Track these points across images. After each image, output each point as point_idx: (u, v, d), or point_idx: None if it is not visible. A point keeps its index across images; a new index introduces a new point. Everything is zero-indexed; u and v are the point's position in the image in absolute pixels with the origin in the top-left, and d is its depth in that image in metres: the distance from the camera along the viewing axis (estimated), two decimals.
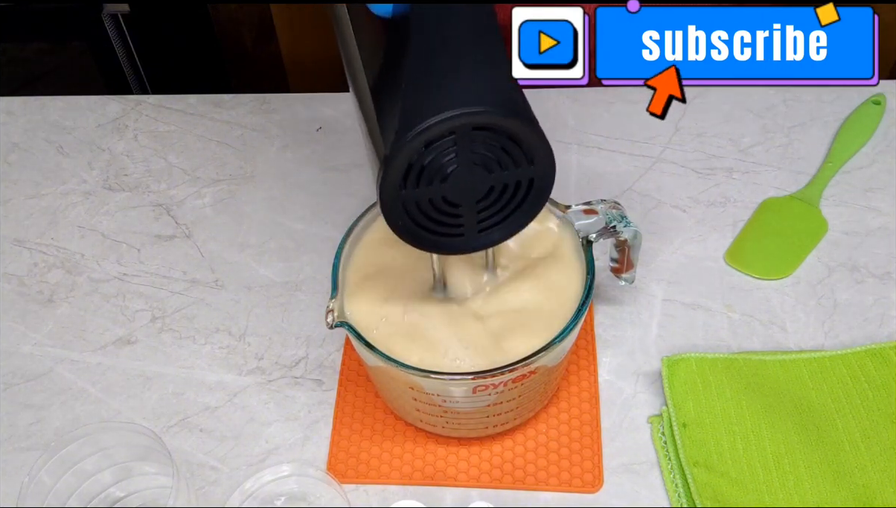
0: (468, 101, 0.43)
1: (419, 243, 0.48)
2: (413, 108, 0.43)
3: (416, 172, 0.45)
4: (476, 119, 0.43)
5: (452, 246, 0.49)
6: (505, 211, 0.48)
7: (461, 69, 0.44)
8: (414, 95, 0.43)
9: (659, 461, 0.59)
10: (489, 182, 0.46)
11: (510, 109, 0.44)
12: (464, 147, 0.44)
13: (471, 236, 0.49)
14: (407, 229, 0.47)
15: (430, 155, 0.44)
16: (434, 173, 0.45)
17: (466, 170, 0.45)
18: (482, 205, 0.47)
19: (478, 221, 0.48)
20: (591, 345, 0.65)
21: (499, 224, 0.49)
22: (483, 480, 0.59)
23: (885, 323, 0.66)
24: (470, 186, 0.46)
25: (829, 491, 0.56)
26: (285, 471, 0.57)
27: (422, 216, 0.47)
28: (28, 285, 0.72)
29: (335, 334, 0.67)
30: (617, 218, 0.57)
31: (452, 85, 0.43)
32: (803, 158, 0.77)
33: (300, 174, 0.79)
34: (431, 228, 0.48)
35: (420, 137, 0.43)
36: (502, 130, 0.44)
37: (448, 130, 0.43)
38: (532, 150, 0.46)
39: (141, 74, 1.37)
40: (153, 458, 0.57)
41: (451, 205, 0.47)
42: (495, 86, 0.44)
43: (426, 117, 0.43)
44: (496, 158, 0.45)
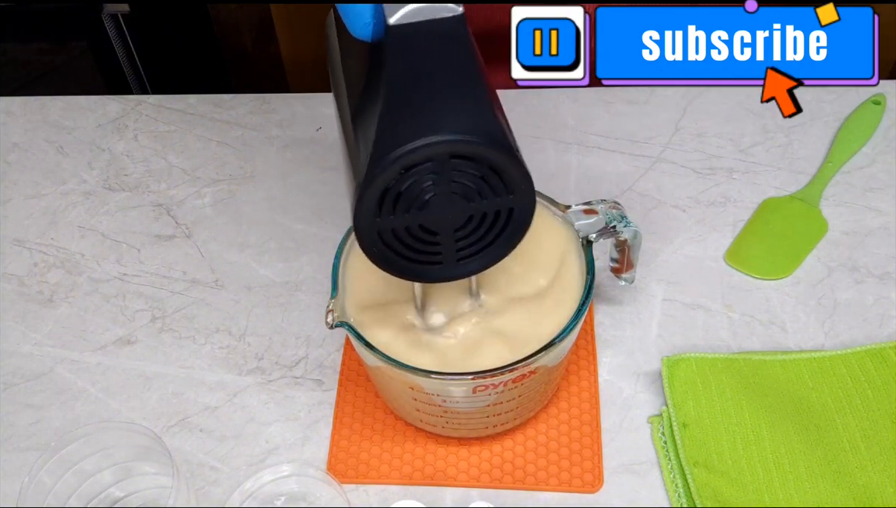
0: (447, 128, 0.42)
1: (395, 270, 0.48)
2: (389, 133, 0.42)
3: (391, 198, 0.44)
4: (455, 148, 0.42)
5: (430, 275, 0.48)
6: (484, 241, 0.47)
7: (439, 97, 0.43)
8: (390, 121, 0.42)
9: (659, 461, 0.59)
10: (468, 211, 0.45)
11: (490, 139, 0.43)
12: (442, 175, 0.43)
13: (449, 265, 0.48)
14: (383, 257, 0.47)
15: (407, 181, 0.43)
16: (411, 201, 0.44)
17: (444, 198, 0.44)
18: (460, 234, 0.46)
19: (456, 250, 0.47)
20: (591, 345, 0.65)
21: (478, 254, 0.48)
22: (483, 480, 0.59)
23: (885, 323, 0.66)
24: (448, 214, 0.45)
25: (829, 491, 0.56)
26: (285, 471, 0.57)
27: (398, 244, 0.46)
28: (28, 285, 0.72)
29: (335, 334, 0.67)
30: (617, 218, 0.57)
31: (430, 112, 0.43)
32: (803, 158, 0.77)
33: (300, 174, 0.79)
34: (408, 256, 0.47)
35: (397, 163, 0.42)
36: (482, 160, 0.43)
37: (426, 156, 0.42)
38: (512, 180, 0.44)
39: (141, 74, 1.37)
40: (153, 458, 0.57)
41: (429, 233, 0.46)
42: (475, 114, 0.43)
43: (403, 143, 0.42)
44: (475, 187, 0.44)
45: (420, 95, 0.43)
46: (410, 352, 0.54)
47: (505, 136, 0.44)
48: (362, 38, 0.45)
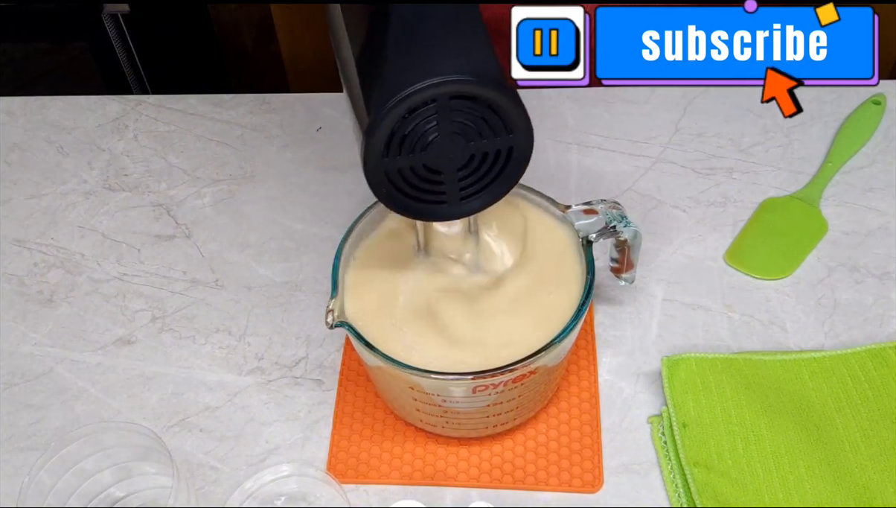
0: (449, 70, 0.44)
1: (402, 209, 0.49)
2: (394, 78, 0.44)
3: (398, 140, 0.46)
4: (456, 88, 0.44)
5: (435, 213, 0.50)
6: (485, 179, 0.49)
7: (442, 41, 0.45)
8: (394, 66, 0.44)
9: (659, 461, 0.59)
10: (469, 151, 0.47)
11: (489, 79, 0.45)
12: (444, 116, 0.45)
13: (453, 204, 0.50)
14: (390, 197, 0.48)
15: (411, 124, 0.45)
16: (415, 142, 0.46)
17: (447, 138, 0.46)
18: (463, 173, 0.48)
19: (459, 189, 0.49)
20: (591, 345, 0.65)
21: (479, 192, 0.50)
22: (483, 480, 0.59)
23: (885, 323, 0.66)
24: (450, 154, 0.47)
25: (829, 491, 0.56)
26: (285, 471, 0.57)
27: (404, 184, 0.48)
28: (28, 285, 0.72)
29: (335, 334, 0.67)
30: (617, 218, 0.57)
31: (433, 55, 0.45)
32: (803, 158, 0.77)
33: (300, 174, 0.79)
34: (414, 195, 0.49)
35: (401, 105, 0.44)
36: (482, 100, 0.45)
37: (429, 97, 0.44)
38: (511, 119, 0.46)
39: (141, 74, 1.37)
40: (153, 458, 0.57)
41: (433, 173, 0.48)
42: (475, 57, 0.45)
43: (407, 87, 0.44)
44: (476, 128, 0.46)
45: (423, 41, 0.45)
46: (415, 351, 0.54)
47: (503, 76, 0.46)
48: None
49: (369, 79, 0.46)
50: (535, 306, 0.56)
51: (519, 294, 0.57)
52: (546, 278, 0.57)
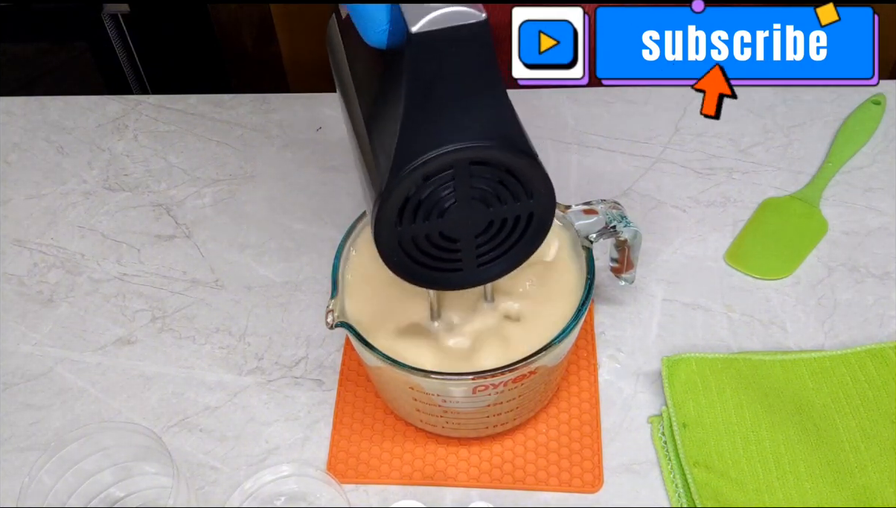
0: (467, 135, 0.42)
1: (416, 279, 0.47)
2: (410, 142, 0.42)
3: (412, 207, 0.44)
4: (474, 154, 0.43)
5: (451, 282, 0.48)
6: (504, 245, 0.47)
7: (459, 103, 0.43)
8: (411, 130, 0.42)
9: (659, 461, 0.59)
10: (488, 217, 0.46)
11: (509, 144, 0.43)
12: (462, 182, 0.43)
13: (469, 271, 0.48)
14: (403, 266, 0.46)
15: (427, 190, 0.43)
16: (431, 208, 0.44)
17: (465, 205, 0.44)
18: (481, 240, 0.47)
19: (477, 255, 0.47)
20: (591, 345, 0.65)
21: (498, 258, 0.48)
22: (483, 480, 0.59)
23: (885, 323, 0.66)
24: (469, 220, 0.45)
25: (829, 491, 0.56)
26: (285, 471, 0.57)
27: (418, 253, 0.46)
28: (28, 285, 0.72)
29: (335, 334, 0.67)
30: (617, 218, 0.57)
31: (450, 119, 0.42)
32: (803, 158, 0.77)
33: (300, 174, 0.79)
34: (429, 264, 0.47)
35: (417, 172, 0.42)
36: (501, 165, 0.43)
37: (446, 164, 0.42)
38: (531, 184, 0.45)
39: (141, 74, 1.37)
40: (153, 458, 0.57)
41: (449, 240, 0.46)
42: (494, 120, 0.43)
43: (423, 152, 0.42)
44: (495, 193, 0.45)
45: (440, 103, 0.42)
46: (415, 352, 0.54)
47: (524, 140, 0.44)
48: (377, 45, 0.44)
49: (381, 140, 0.44)
50: (535, 306, 0.56)
51: (519, 294, 0.57)
52: (546, 278, 0.57)
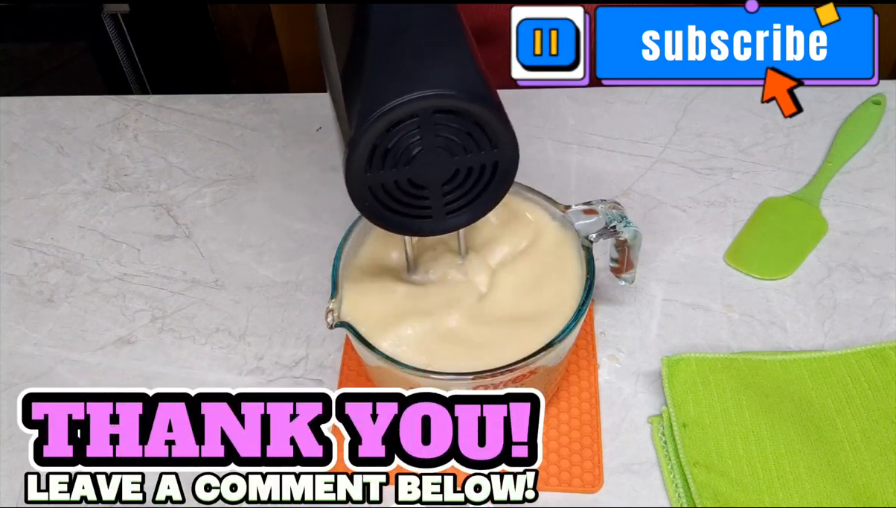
0: (431, 84, 0.44)
1: (387, 224, 0.49)
2: (376, 91, 0.44)
3: (380, 154, 0.45)
4: (438, 102, 0.44)
5: (420, 228, 0.50)
6: (470, 194, 0.49)
7: (424, 53, 0.44)
8: (377, 79, 0.44)
9: (659, 461, 0.59)
10: (454, 165, 0.47)
11: (473, 93, 0.44)
12: (427, 130, 0.45)
13: (438, 219, 0.49)
14: (374, 211, 0.48)
15: (394, 137, 0.45)
16: (399, 156, 0.46)
17: (431, 153, 0.46)
18: (448, 188, 0.48)
19: (444, 203, 0.49)
20: (591, 345, 0.65)
21: (465, 207, 0.49)
22: None
23: (885, 323, 0.66)
24: (435, 168, 0.47)
25: (829, 491, 0.56)
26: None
27: (388, 198, 0.47)
28: (28, 285, 0.72)
29: (335, 334, 0.67)
30: (617, 218, 0.57)
31: (415, 69, 0.44)
32: (803, 158, 0.77)
33: (300, 174, 0.79)
34: (398, 209, 0.48)
35: (383, 120, 0.44)
36: (466, 114, 0.45)
37: (411, 112, 0.44)
38: (496, 134, 0.46)
39: (141, 74, 1.38)
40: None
41: (417, 187, 0.47)
42: (458, 70, 0.45)
43: (388, 100, 0.43)
44: (460, 142, 0.46)
45: (404, 54, 0.44)
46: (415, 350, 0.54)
47: (488, 90, 0.45)
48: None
49: (351, 91, 0.46)
50: (535, 306, 0.56)
51: (519, 295, 0.57)
52: (546, 278, 0.57)
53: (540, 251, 0.58)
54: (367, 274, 0.58)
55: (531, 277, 0.57)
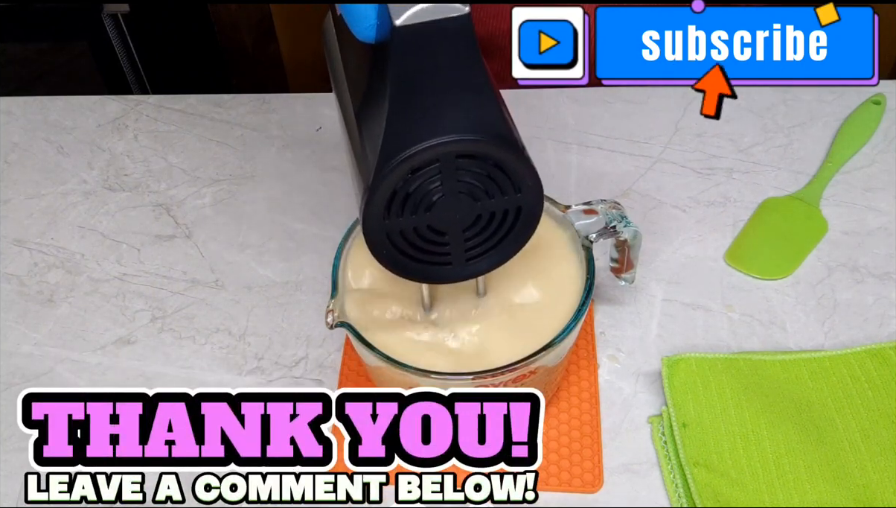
0: (453, 128, 0.42)
1: (405, 272, 0.48)
2: (396, 135, 0.42)
3: (400, 200, 0.44)
4: (461, 147, 0.43)
5: (440, 275, 0.49)
6: (493, 239, 0.47)
7: (445, 97, 0.43)
8: (397, 124, 0.42)
9: (659, 461, 0.59)
10: (476, 210, 0.46)
11: (496, 137, 0.43)
12: (449, 175, 0.44)
13: (458, 265, 0.48)
14: (392, 259, 0.47)
15: (414, 183, 0.43)
16: (419, 202, 0.44)
17: (452, 198, 0.45)
18: (469, 233, 0.47)
19: (465, 249, 0.47)
20: (591, 345, 0.65)
21: (487, 253, 0.48)
22: None
23: (885, 323, 0.66)
24: (456, 214, 0.45)
25: (829, 491, 0.56)
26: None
27: (407, 245, 0.46)
28: (28, 285, 0.72)
29: (335, 334, 0.67)
30: (617, 218, 0.57)
31: (437, 112, 0.43)
32: (803, 159, 0.77)
33: (300, 174, 0.79)
34: (417, 257, 0.47)
35: (404, 165, 0.42)
36: (488, 158, 0.44)
37: (432, 158, 0.43)
38: (519, 178, 0.45)
39: (141, 74, 1.38)
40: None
41: (437, 233, 0.46)
42: (481, 113, 0.43)
43: (410, 145, 0.42)
44: (482, 187, 0.45)
45: (426, 96, 0.43)
46: (414, 352, 0.54)
47: (511, 134, 0.44)
48: (366, 41, 0.45)
49: (369, 134, 0.44)
50: (535, 306, 0.56)
51: (519, 295, 0.57)
52: (546, 278, 0.57)
53: (540, 252, 0.58)
54: (368, 274, 0.57)
55: (531, 277, 0.57)
